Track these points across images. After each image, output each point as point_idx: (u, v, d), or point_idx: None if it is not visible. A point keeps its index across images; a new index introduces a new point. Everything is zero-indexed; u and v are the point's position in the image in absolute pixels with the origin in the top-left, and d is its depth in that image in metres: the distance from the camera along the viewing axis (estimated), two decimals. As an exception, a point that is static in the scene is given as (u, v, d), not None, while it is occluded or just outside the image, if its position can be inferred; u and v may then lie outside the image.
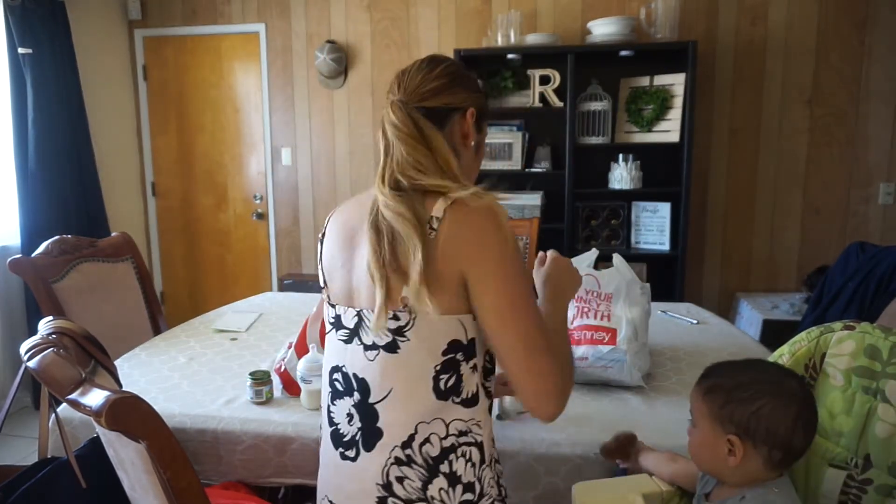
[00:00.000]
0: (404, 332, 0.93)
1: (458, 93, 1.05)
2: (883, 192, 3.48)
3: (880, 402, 1.08)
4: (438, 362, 0.93)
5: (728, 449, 0.99)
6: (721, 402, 1.00)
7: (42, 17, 3.33)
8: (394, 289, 0.92)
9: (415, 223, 0.90)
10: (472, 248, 0.91)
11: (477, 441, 0.96)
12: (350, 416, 0.99)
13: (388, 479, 0.94)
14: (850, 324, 1.17)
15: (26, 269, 2.16)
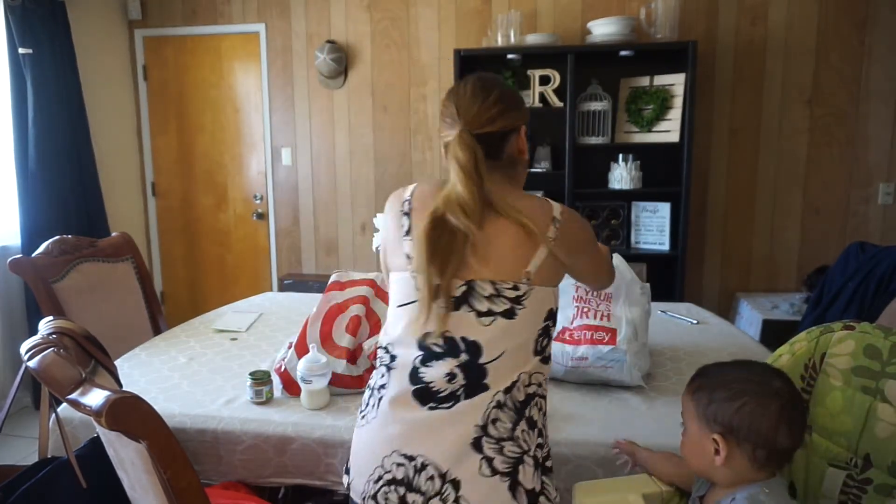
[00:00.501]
0: (522, 300, 1.09)
1: (511, 114, 1.19)
2: (883, 192, 3.48)
3: (880, 402, 1.08)
4: (541, 326, 1.12)
5: (714, 448, 1.00)
6: (706, 402, 1.02)
7: (42, 17, 3.33)
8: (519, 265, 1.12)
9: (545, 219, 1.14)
10: (580, 240, 1.19)
11: (544, 394, 1.14)
12: (451, 375, 1.08)
13: (486, 422, 1.06)
14: (849, 324, 1.17)
15: (26, 269, 2.16)
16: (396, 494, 1.07)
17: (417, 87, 3.84)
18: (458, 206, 1.10)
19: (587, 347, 1.64)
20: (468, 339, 1.09)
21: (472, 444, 1.05)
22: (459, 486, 1.04)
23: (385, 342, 1.18)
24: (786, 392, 0.99)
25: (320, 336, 1.71)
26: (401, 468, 1.07)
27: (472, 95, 1.17)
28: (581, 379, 1.67)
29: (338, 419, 1.53)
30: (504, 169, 1.20)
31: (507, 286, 1.09)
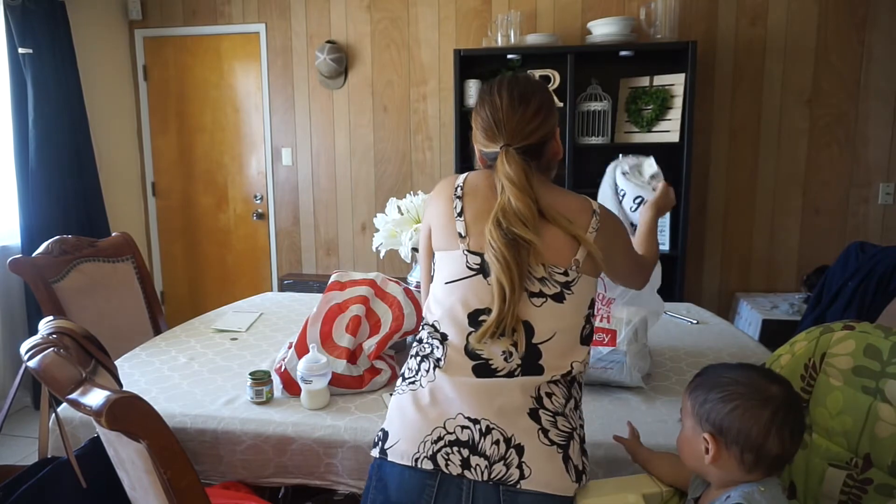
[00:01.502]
0: (570, 286, 1.15)
1: (548, 122, 1.23)
2: (883, 192, 3.48)
3: (880, 402, 1.08)
4: (585, 314, 1.17)
5: (705, 447, 1.00)
6: (701, 400, 1.02)
7: (42, 17, 3.33)
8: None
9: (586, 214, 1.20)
10: (618, 232, 1.26)
11: (582, 381, 1.20)
12: (508, 353, 1.13)
13: (541, 394, 1.11)
14: (849, 324, 1.17)
15: (26, 269, 2.16)
16: (460, 456, 1.08)
17: (417, 87, 3.84)
18: (518, 220, 1.13)
19: (587, 347, 1.64)
20: (520, 319, 1.13)
21: (530, 414, 1.10)
22: (523, 451, 1.08)
23: (432, 319, 1.22)
24: (781, 399, 0.98)
25: (320, 336, 1.71)
26: (465, 431, 1.09)
27: (510, 107, 1.20)
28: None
29: (338, 419, 1.53)
30: (543, 171, 1.25)
31: (559, 271, 1.14)
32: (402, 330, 1.77)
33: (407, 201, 2.03)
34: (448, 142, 3.81)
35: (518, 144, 1.19)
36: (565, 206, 1.20)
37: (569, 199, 1.22)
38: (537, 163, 1.22)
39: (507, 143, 1.18)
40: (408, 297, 1.82)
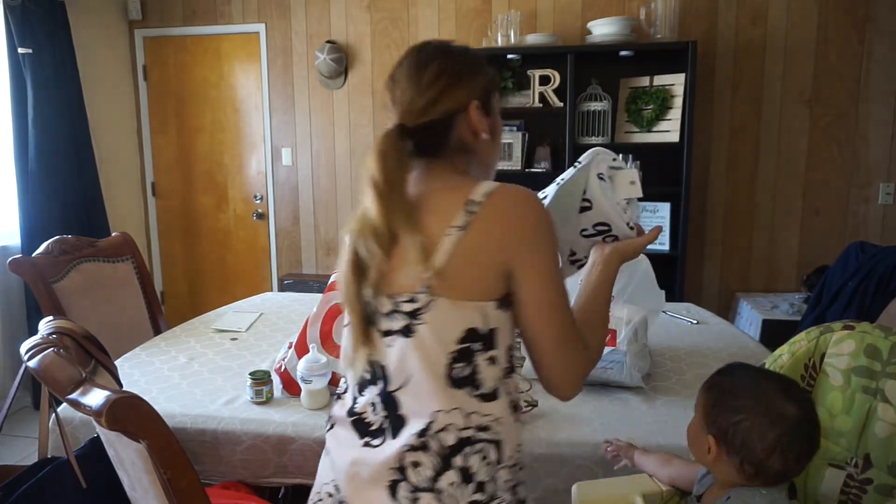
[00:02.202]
0: (420, 314, 0.90)
1: (455, 91, 0.98)
2: (883, 192, 3.48)
3: (880, 402, 1.08)
4: (453, 349, 0.90)
5: (707, 447, 1.00)
6: (713, 402, 1.01)
7: (42, 17, 3.33)
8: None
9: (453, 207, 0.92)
10: (521, 237, 0.91)
11: (495, 439, 0.91)
12: (374, 406, 0.95)
13: (403, 464, 0.90)
14: (849, 324, 1.17)
15: (26, 269, 2.16)
16: None
17: (417, 87, 3.84)
18: (371, 235, 0.92)
19: (587, 347, 1.64)
20: (378, 363, 0.95)
21: (389, 489, 0.90)
22: None
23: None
24: (793, 421, 0.95)
25: (320, 336, 1.71)
26: (330, 499, 0.99)
27: (408, 77, 0.97)
28: (581, 379, 1.67)
29: (338, 419, 1.53)
30: (453, 162, 0.99)
31: (404, 299, 0.91)
32: (402, 330, 1.77)
33: (407, 201, 2.03)
34: (448, 142, 3.81)
35: (413, 124, 0.95)
36: (436, 204, 0.92)
37: (448, 192, 0.93)
38: (440, 155, 0.98)
39: (399, 123, 0.96)
40: (408, 297, 1.82)
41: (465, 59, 1.04)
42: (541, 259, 0.91)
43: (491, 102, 1.04)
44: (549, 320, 0.91)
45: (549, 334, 0.91)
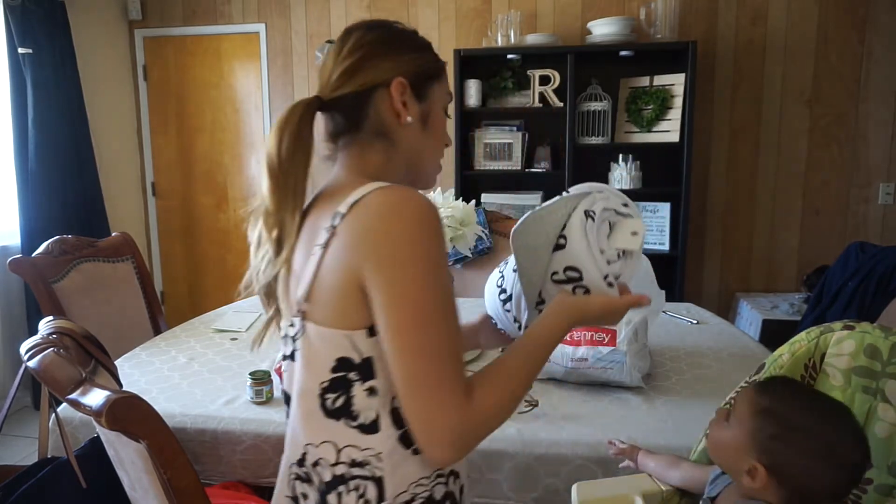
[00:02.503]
0: (297, 340, 0.84)
1: (377, 65, 0.86)
2: (883, 192, 3.48)
3: (880, 402, 1.08)
4: (325, 379, 0.81)
5: (748, 469, 0.94)
6: (772, 433, 0.93)
7: (42, 17, 3.33)
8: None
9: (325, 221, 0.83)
10: (376, 253, 0.75)
11: (375, 476, 0.81)
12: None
13: (295, 493, 0.87)
14: (849, 323, 1.17)
15: (26, 269, 2.16)
16: None
17: (417, 87, 3.84)
18: (266, 227, 0.85)
19: (587, 349, 1.64)
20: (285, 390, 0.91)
21: None
22: None
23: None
24: (859, 468, 0.92)
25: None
26: None
27: (333, 50, 0.89)
28: (581, 379, 1.67)
29: (338, 419, 1.53)
30: (364, 151, 0.88)
31: (288, 322, 0.86)
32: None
33: (407, 201, 2.03)
34: (448, 142, 3.81)
35: (328, 96, 0.87)
36: (318, 212, 0.84)
37: (329, 198, 0.83)
38: (353, 133, 0.88)
39: (315, 96, 0.88)
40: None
41: (398, 34, 0.91)
42: (398, 278, 0.74)
43: (428, 89, 0.90)
44: (400, 355, 0.75)
45: (400, 374, 0.75)
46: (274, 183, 0.82)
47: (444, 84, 0.94)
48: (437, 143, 0.95)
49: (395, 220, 0.75)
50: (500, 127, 3.58)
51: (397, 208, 0.76)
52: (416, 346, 0.74)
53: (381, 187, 0.78)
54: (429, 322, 0.74)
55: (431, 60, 0.92)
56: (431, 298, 0.75)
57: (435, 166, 0.96)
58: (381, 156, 0.89)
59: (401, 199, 0.76)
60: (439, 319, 0.75)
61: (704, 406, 1.48)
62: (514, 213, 3.38)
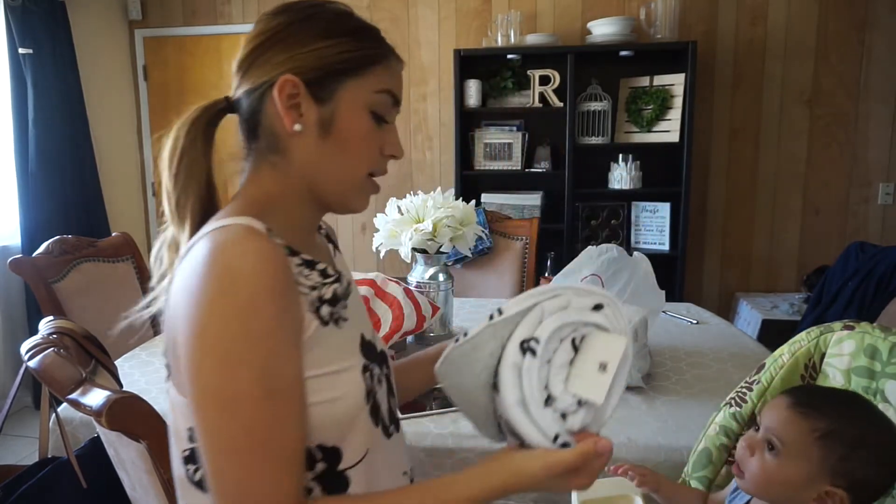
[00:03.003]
0: (169, 395, 0.75)
1: (270, 59, 0.73)
2: (882, 192, 3.48)
3: (880, 402, 1.09)
4: (185, 448, 0.72)
5: (820, 494, 0.90)
6: (841, 455, 0.89)
7: (42, 18, 3.33)
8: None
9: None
10: (179, 307, 0.65)
11: None
12: None
13: None
14: (849, 323, 1.17)
15: (26, 269, 2.16)
16: None
17: (417, 87, 3.84)
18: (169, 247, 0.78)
19: (587, 347, 1.64)
20: None
21: None
22: None
23: None
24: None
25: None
26: None
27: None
28: (581, 379, 1.67)
29: (338, 419, 1.53)
30: (259, 164, 0.79)
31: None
32: (402, 330, 1.77)
33: (407, 201, 2.03)
34: (448, 142, 3.81)
35: (235, 97, 0.79)
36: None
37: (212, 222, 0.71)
38: (255, 140, 0.79)
39: (226, 96, 0.82)
40: (408, 297, 1.82)
41: (310, 18, 0.73)
42: (191, 356, 0.62)
43: (334, 88, 0.72)
44: (201, 451, 0.64)
45: (205, 454, 0.63)
46: (168, 201, 0.75)
47: (369, 80, 0.74)
48: (350, 156, 0.75)
49: (198, 282, 0.62)
50: (500, 127, 3.58)
51: (204, 266, 0.62)
52: (211, 444, 0.62)
53: (219, 228, 0.66)
54: (227, 416, 0.61)
55: (349, 51, 0.73)
56: (230, 386, 0.60)
57: (348, 187, 0.76)
58: (274, 174, 0.76)
59: (215, 251, 0.63)
60: (246, 413, 0.60)
61: (704, 406, 1.48)
62: (514, 213, 3.38)
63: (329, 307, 0.72)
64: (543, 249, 2.68)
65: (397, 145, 0.79)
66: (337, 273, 0.76)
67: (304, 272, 0.71)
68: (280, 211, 0.76)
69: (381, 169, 0.79)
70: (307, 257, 0.73)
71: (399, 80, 0.80)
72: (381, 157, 0.78)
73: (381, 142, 0.77)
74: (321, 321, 0.70)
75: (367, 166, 0.77)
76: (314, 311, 0.70)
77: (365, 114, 0.75)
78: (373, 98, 0.75)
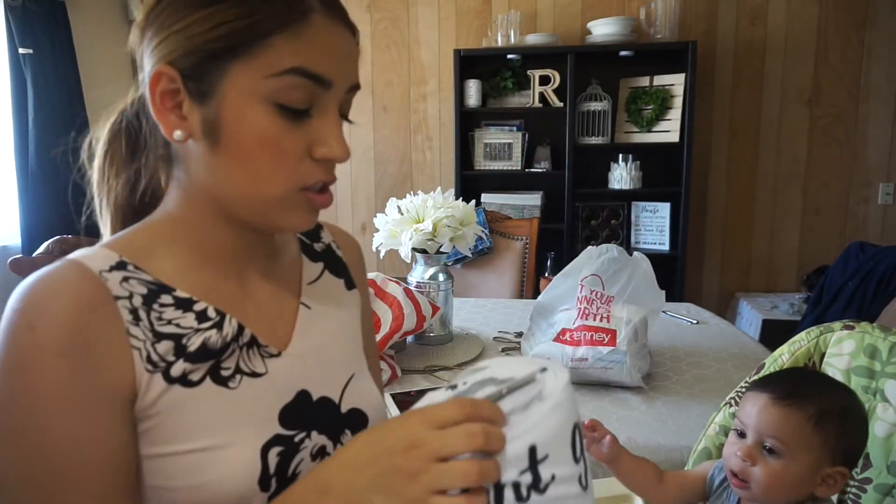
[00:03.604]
0: None
1: (148, 43, 0.58)
2: (883, 192, 3.48)
3: (880, 402, 1.09)
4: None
5: (826, 478, 0.89)
6: (836, 432, 0.88)
7: (42, 18, 3.33)
8: None
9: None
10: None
11: None
12: None
13: None
14: (849, 323, 1.17)
15: (26, 269, 2.16)
16: None
17: (417, 87, 3.84)
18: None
19: (587, 349, 1.64)
20: None
21: None
22: None
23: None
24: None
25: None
26: None
27: None
28: (581, 379, 1.67)
29: (338, 419, 1.53)
30: (166, 178, 0.65)
31: None
32: (402, 330, 1.77)
33: (407, 201, 2.03)
34: (448, 142, 3.81)
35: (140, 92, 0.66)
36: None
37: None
38: (147, 149, 0.66)
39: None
40: (408, 297, 1.82)
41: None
42: None
43: (215, 77, 0.55)
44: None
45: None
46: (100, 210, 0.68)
47: (262, 60, 0.54)
48: (249, 168, 0.56)
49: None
50: (500, 127, 3.59)
51: (9, 305, 0.52)
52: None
53: (42, 271, 0.55)
54: (11, 498, 0.51)
55: (227, 21, 0.53)
56: (11, 458, 0.51)
57: (264, 207, 0.58)
58: (177, 192, 0.62)
59: (21, 288, 0.53)
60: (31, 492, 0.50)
61: (704, 406, 1.48)
62: (514, 213, 3.38)
63: (192, 362, 0.56)
64: (543, 249, 2.68)
65: (332, 143, 0.58)
66: (219, 316, 0.59)
67: (164, 315, 0.57)
68: (180, 237, 0.61)
69: (313, 178, 0.58)
70: (182, 295, 0.59)
71: (326, 47, 0.58)
72: (309, 162, 0.57)
73: (305, 142, 0.57)
74: (168, 380, 0.55)
75: (284, 179, 0.57)
76: (155, 365, 0.55)
77: (261, 108, 0.55)
78: (270, 85, 0.54)
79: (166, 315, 0.57)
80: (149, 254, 0.59)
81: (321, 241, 0.78)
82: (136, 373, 0.54)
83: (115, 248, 0.58)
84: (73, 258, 0.56)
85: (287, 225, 0.60)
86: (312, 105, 0.57)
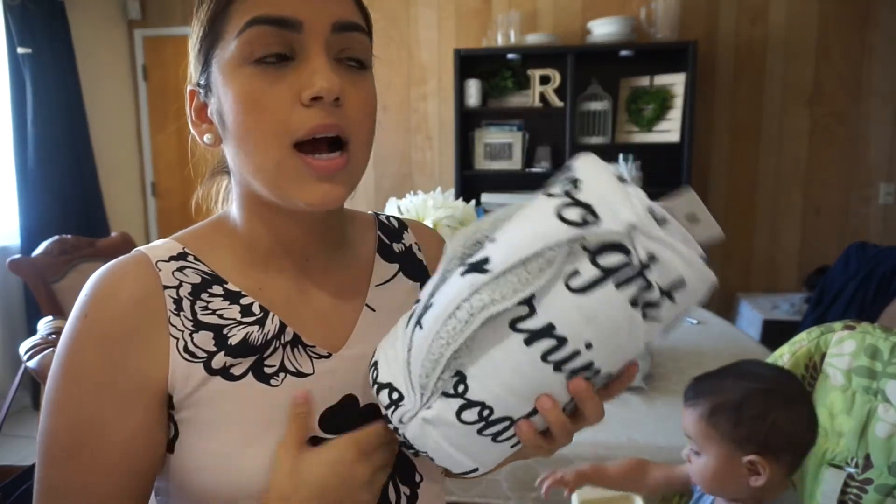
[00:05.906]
0: None
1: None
2: (883, 192, 3.48)
3: (881, 402, 1.08)
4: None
5: (749, 469, 0.93)
6: (732, 423, 0.92)
7: (42, 17, 3.33)
8: None
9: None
10: None
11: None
12: None
13: None
14: (850, 323, 1.16)
15: (26, 269, 2.16)
16: None
17: (417, 87, 3.84)
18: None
19: (587, 347, 1.64)
20: None
21: None
22: None
23: None
24: (801, 389, 0.97)
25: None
26: None
27: None
28: (581, 379, 1.67)
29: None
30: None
31: None
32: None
33: (407, 201, 2.03)
34: (448, 142, 3.81)
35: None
36: None
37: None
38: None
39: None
40: (408, 297, 1.81)
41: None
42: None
43: (212, 69, 0.60)
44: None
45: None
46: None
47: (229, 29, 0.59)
48: (250, 128, 0.55)
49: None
50: (500, 127, 3.58)
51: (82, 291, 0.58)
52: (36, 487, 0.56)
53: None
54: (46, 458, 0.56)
55: (204, 12, 0.63)
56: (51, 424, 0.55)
57: (273, 174, 0.56)
58: (233, 191, 0.66)
59: (91, 277, 0.58)
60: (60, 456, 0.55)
61: (705, 406, 1.48)
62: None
63: (233, 356, 0.57)
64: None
65: (315, 79, 0.54)
66: (262, 312, 0.60)
67: (210, 305, 0.59)
68: (236, 234, 0.64)
69: (304, 125, 0.54)
70: (233, 288, 0.60)
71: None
72: (300, 110, 0.54)
73: (292, 91, 0.55)
74: (209, 371, 0.56)
75: (272, 135, 0.54)
76: (193, 355, 0.56)
77: (242, 73, 0.55)
78: (240, 47, 0.55)
79: (212, 305, 0.59)
80: (212, 247, 0.63)
81: (401, 242, 0.74)
82: (172, 362, 0.56)
83: (183, 239, 0.64)
84: (140, 249, 0.61)
85: (300, 196, 0.56)
86: (294, 53, 0.55)
